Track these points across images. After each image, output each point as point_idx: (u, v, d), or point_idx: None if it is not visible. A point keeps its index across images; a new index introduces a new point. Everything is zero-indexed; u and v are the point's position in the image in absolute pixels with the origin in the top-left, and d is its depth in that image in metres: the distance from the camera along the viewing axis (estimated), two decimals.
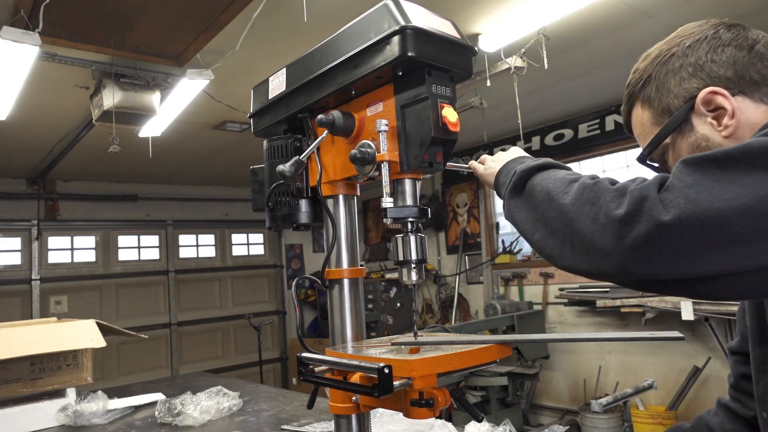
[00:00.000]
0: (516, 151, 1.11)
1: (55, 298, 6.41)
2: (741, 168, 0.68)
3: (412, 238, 1.04)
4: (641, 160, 1.07)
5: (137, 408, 2.46)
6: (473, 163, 1.20)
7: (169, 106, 3.97)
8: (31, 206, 6.35)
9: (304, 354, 1.01)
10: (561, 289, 5.62)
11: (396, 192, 1.06)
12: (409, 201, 1.05)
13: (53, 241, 6.52)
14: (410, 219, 1.04)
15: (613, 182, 0.80)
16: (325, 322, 4.32)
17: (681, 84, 0.97)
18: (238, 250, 7.98)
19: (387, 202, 1.01)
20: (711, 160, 0.71)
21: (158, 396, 2.54)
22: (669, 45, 1.03)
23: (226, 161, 6.46)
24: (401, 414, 0.95)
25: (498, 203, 6.84)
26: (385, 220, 1.03)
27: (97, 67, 3.46)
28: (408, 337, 1.09)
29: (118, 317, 6.70)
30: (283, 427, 2.01)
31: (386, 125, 1.02)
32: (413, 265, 1.04)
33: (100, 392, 2.38)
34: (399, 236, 1.05)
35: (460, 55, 1.05)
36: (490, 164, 1.13)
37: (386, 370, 0.83)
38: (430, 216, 1.07)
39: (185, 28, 3.14)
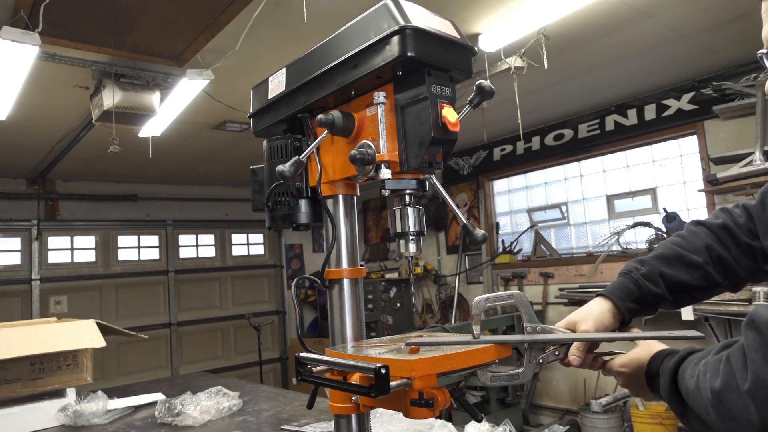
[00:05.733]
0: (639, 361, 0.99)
1: (55, 298, 6.40)
2: None
3: (410, 210, 1.04)
4: None
5: (137, 408, 2.46)
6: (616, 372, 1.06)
7: (169, 106, 3.97)
8: (31, 206, 6.35)
9: (302, 354, 1.01)
10: (561, 289, 5.61)
11: None
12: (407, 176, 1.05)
13: (53, 241, 6.51)
14: (408, 191, 1.04)
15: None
16: (325, 322, 4.32)
17: None
18: (238, 250, 7.98)
19: (385, 173, 1.01)
20: None
21: (158, 396, 2.54)
22: None
23: (226, 161, 6.46)
24: (401, 414, 0.95)
25: (498, 203, 6.84)
26: (383, 191, 1.02)
27: (97, 67, 3.46)
28: (419, 338, 1.08)
29: (118, 317, 6.69)
30: (283, 427, 2.01)
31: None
32: (411, 237, 1.04)
33: (100, 392, 2.38)
34: (397, 208, 1.05)
35: (460, 55, 1.05)
36: (624, 372, 1.03)
37: (383, 371, 0.83)
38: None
39: (185, 28, 3.14)
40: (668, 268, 1.09)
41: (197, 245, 7.62)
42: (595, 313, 1.07)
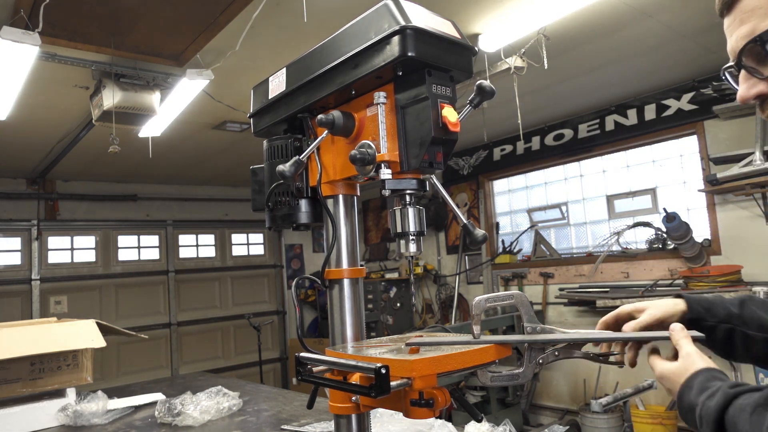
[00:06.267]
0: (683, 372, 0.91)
1: (55, 298, 6.40)
2: None
3: (411, 210, 1.04)
4: (761, 40, 0.75)
5: (137, 408, 2.46)
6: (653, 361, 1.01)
7: (169, 106, 3.97)
8: (31, 206, 6.35)
9: (303, 354, 1.01)
10: (561, 289, 5.62)
11: None
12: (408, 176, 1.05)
13: (53, 241, 6.51)
14: (408, 191, 1.04)
15: None
16: (325, 322, 4.32)
17: None
18: (238, 250, 7.98)
19: (385, 173, 1.01)
20: None
21: (158, 396, 2.54)
22: None
23: (226, 161, 6.46)
24: (401, 414, 0.95)
25: (498, 203, 6.85)
26: (383, 191, 1.02)
27: (97, 67, 3.46)
28: (419, 338, 1.08)
29: (118, 317, 6.69)
30: (283, 427, 2.01)
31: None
32: (411, 237, 1.04)
33: (100, 392, 2.38)
34: (397, 208, 1.05)
35: (460, 55, 1.05)
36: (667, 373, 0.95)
37: (383, 371, 0.83)
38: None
39: (185, 28, 3.14)
40: (752, 303, 1.08)
41: (197, 245, 7.63)
42: (667, 307, 1.06)
